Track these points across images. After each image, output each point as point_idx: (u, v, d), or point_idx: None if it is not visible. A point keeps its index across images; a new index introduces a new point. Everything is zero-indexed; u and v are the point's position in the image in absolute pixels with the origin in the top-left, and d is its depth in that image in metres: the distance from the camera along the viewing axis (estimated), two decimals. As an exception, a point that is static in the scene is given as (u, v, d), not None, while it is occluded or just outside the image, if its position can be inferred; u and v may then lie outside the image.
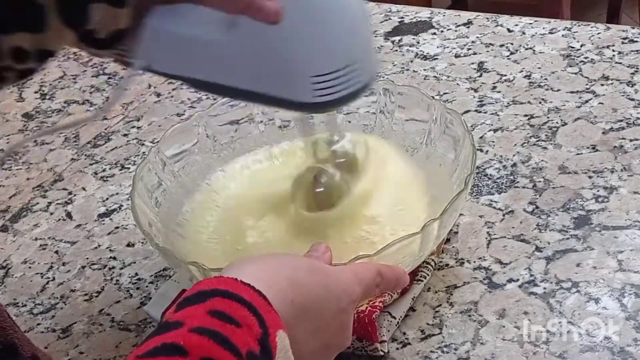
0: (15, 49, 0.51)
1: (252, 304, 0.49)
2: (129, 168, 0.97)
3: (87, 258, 0.86)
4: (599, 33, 1.05)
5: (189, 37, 0.62)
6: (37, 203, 0.95)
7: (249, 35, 0.61)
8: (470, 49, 1.06)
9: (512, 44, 1.06)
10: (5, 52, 0.51)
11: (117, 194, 0.94)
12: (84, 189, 0.96)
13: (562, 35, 1.06)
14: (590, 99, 0.94)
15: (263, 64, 0.62)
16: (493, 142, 0.90)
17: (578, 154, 0.87)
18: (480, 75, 1.01)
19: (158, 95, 1.10)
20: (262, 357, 0.48)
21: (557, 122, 0.91)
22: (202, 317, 0.48)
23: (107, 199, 0.93)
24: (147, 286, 0.81)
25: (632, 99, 0.93)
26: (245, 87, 0.64)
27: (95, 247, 0.87)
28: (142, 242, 0.86)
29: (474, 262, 0.77)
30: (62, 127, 0.91)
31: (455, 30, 1.11)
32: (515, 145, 0.89)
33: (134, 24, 0.56)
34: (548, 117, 0.92)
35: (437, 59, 1.06)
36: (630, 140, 0.87)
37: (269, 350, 0.48)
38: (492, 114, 0.94)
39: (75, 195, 0.95)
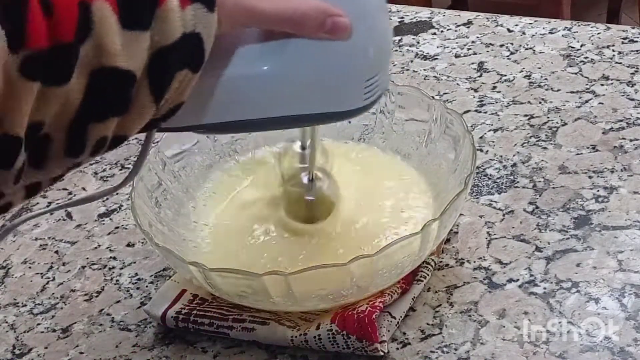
0: (100, 140, 0.49)
1: None
2: (129, 168, 0.97)
3: (87, 258, 0.86)
4: (599, 33, 1.05)
5: (226, 80, 0.58)
6: (37, 203, 0.95)
7: (298, 58, 0.58)
8: (470, 49, 1.06)
9: (512, 44, 1.06)
10: (89, 147, 0.48)
11: (117, 194, 0.94)
12: (84, 189, 0.96)
13: (562, 35, 1.06)
14: (590, 99, 0.94)
15: (312, 83, 0.59)
16: (493, 142, 0.90)
17: (578, 154, 0.87)
18: (480, 75, 1.01)
19: (158, 95, 1.10)
20: None
21: (557, 122, 0.91)
22: None
23: (107, 199, 0.93)
24: (147, 286, 0.81)
25: (632, 99, 0.93)
26: (286, 113, 0.60)
27: (95, 247, 0.87)
28: (142, 242, 0.86)
29: (474, 262, 0.77)
30: (74, 204, 0.88)
31: (455, 30, 1.11)
32: (515, 145, 0.89)
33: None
34: (548, 117, 0.92)
35: (437, 59, 1.06)
36: (630, 140, 0.87)
37: None
38: (492, 114, 0.94)
39: (75, 195, 0.95)
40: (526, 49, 1.04)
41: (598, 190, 0.82)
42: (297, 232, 0.76)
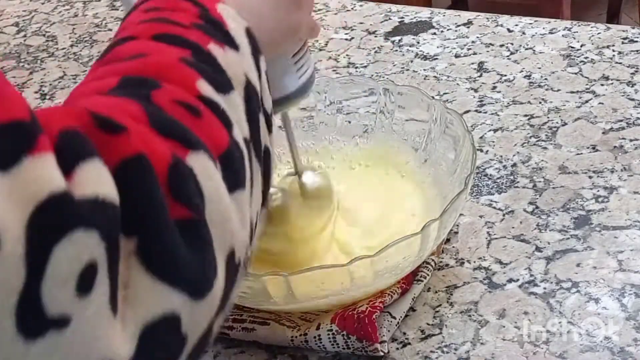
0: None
1: None
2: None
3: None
4: (599, 33, 1.05)
5: None
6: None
7: None
8: (470, 49, 1.06)
9: (512, 44, 1.06)
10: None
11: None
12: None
13: (562, 35, 1.06)
14: (590, 99, 0.94)
15: None
16: (493, 142, 0.90)
17: (578, 154, 0.87)
18: (480, 75, 1.01)
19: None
20: (210, 28, 0.47)
21: (557, 122, 0.91)
22: (138, 14, 0.49)
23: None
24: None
25: (632, 99, 0.93)
26: None
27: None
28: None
29: (474, 262, 0.77)
30: None
31: (455, 30, 1.11)
32: (515, 145, 0.89)
33: None
34: (548, 117, 0.92)
35: (437, 59, 1.06)
36: (630, 140, 0.87)
37: (215, 21, 0.48)
38: (492, 114, 0.94)
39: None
40: (526, 49, 1.04)
41: (598, 190, 0.82)
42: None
